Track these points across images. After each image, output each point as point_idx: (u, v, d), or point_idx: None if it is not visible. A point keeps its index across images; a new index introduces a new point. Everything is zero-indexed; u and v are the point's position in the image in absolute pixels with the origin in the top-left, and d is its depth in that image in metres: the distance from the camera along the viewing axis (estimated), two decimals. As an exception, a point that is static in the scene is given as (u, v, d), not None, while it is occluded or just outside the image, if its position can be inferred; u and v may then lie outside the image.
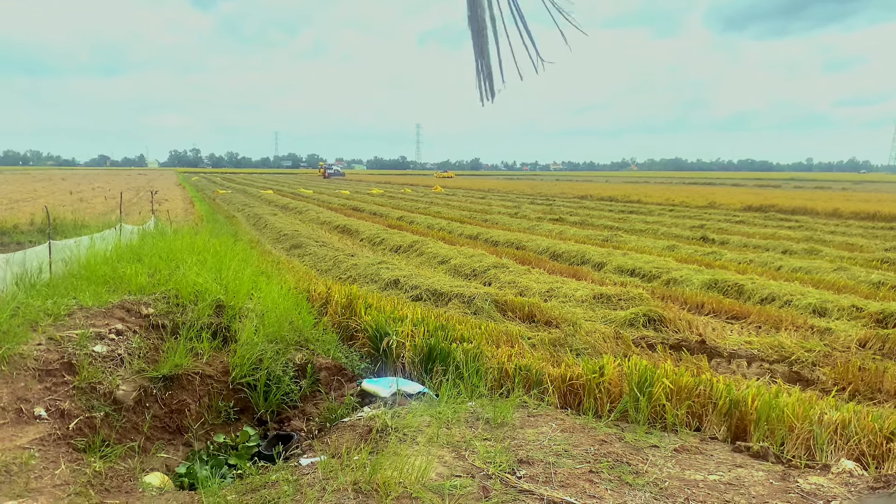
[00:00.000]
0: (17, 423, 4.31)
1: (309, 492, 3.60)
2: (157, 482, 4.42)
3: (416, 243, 18.74)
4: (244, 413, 5.99)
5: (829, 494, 3.68)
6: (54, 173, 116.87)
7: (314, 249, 18.73)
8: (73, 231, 16.48)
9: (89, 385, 4.98)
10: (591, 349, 8.37)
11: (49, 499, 3.59)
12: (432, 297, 11.76)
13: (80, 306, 6.13)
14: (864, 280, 13.13)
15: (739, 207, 34.47)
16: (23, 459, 3.88)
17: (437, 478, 3.78)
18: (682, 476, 3.94)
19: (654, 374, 5.29)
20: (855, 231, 23.54)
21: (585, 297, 11.22)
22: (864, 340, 8.77)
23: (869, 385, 7.15)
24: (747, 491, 3.73)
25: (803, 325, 9.57)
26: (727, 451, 4.49)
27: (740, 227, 25.42)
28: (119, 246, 10.44)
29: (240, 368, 5.99)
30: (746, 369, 8.03)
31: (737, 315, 10.45)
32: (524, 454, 4.17)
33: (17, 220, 22.90)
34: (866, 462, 4.28)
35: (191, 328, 6.24)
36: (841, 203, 34.50)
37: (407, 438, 4.40)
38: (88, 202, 36.64)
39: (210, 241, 11.67)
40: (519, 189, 60.93)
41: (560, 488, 3.68)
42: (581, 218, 28.83)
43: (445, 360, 6.36)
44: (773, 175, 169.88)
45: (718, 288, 12.40)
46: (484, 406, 5.10)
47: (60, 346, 5.20)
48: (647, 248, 18.51)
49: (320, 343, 6.93)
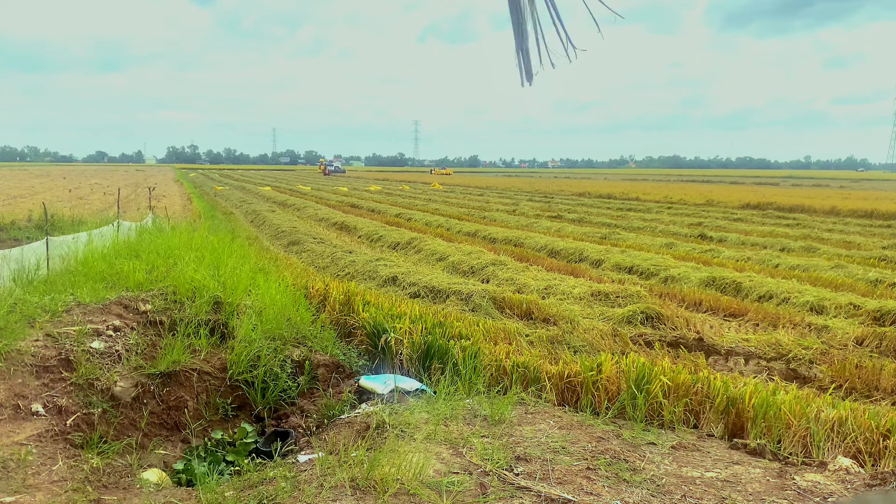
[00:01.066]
0: (14, 420, 4.31)
1: (307, 488, 3.60)
2: (154, 479, 4.42)
3: (414, 240, 18.74)
4: (242, 410, 5.99)
5: (826, 491, 3.68)
6: (52, 169, 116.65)
7: (312, 246, 18.72)
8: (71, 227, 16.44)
9: (87, 381, 4.98)
10: (588, 346, 8.38)
11: (46, 495, 3.58)
12: (430, 294, 11.76)
13: (77, 303, 6.12)
14: (861, 278, 13.14)
15: (737, 205, 34.49)
16: (20, 456, 3.87)
17: (434, 475, 3.78)
18: (680, 473, 3.95)
19: (652, 371, 5.30)
20: (853, 229, 23.58)
21: (583, 295, 11.23)
22: (861, 338, 8.78)
23: (866, 383, 7.17)
24: (744, 488, 3.74)
25: (801, 323, 9.59)
26: (724, 449, 4.50)
27: (738, 224, 25.45)
28: (117, 242, 10.43)
29: (237, 365, 5.98)
30: (744, 367, 8.04)
31: (734, 312, 10.46)
32: (522, 451, 4.17)
33: (15, 217, 22.85)
34: (863, 459, 4.29)
35: (188, 325, 6.23)
36: (839, 201, 34.53)
37: (405, 435, 4.40)
38: (86, 198, 36.57)
39: (208, 237, 11.66)
40: (517, 186, 60.93)
41: (557, 485, 3.69)
42: (579, 215, 28.85)
43: (443, 358, 6.36)
44: (771, 173, 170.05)
45: (716, 285, 12.41)
46: (481, 403, 5.10)
47: (58, 343, 5.20)
48: (645, 245, 18.53)
49: (318, 340, 6.92)
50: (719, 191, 50.25)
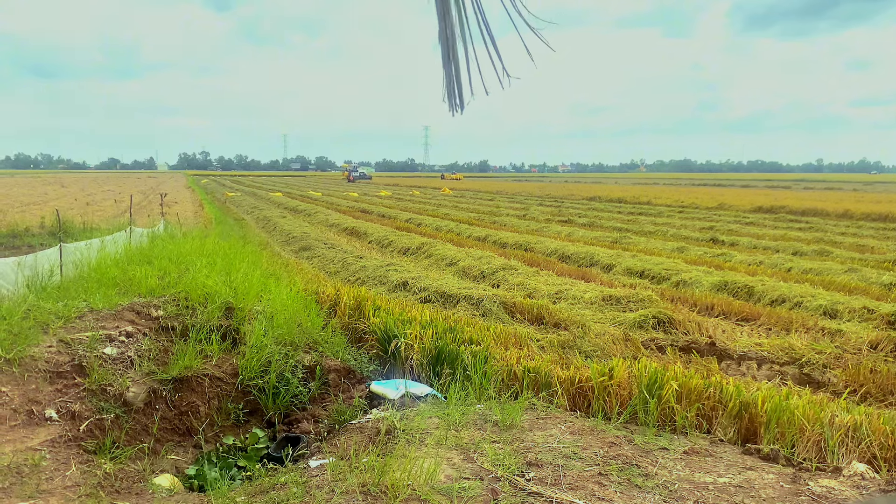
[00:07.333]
0: (28, 425, 4.34)
1: (318, 493, 3.60)
2: (166, 484, 4.44)
3: (424, 245, 18.76)
4: (253, 415, 6.00)
5: (841, 497, 3.65)
6: (65, 176, 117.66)
7: (323, 251, 18.78)
8: (84, 234, 16.58)
9: (99, 387, 5.01)
10: (600, 351, 8.34)
11: (60, 500, 3.61)
12: (441, 299, 11.76)
13: (90, 309, 6.16)
14: (875, 281, 13.02)
15: (749, 209, 34.29)
16: (34, 461, 3.90)
17: (445, 480, 3.77)
18: (692, 478, 3.92)
19: (664, 376, 5.27)
20: (866, 232, 23.37)
21: (594, 299, 11.19)
22: (875, 342, 8.69)
23: (881, 387, 7.10)
24: (757, 494, 3.71)
25: (814, 327, 9.51)
26: (737, 454, 4.47)
27: (750, 228, 25.29)
28: (129, 248, 10.51)
29: (249, 370, 6.00)
30: (756, 371, 7.98)
31: (747, 317, 10.39)
32: (533, 456, 4.16)
33: (29, 223, 23.07)
34: (878, 465, 4.24)
35: (200, 330, 6.26)
36: (852, 204, 34.24)
37: (415, 440, 4.40)
38: (98, 205, 36.87)
39: (219, 243, 11.73)
40: (527, 191, 60.87)
41: (569, 491, 3.67)
42: (590, 220, 28.76)
43: (454, 363, 6.35)
44: (782, 176, 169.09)
45: (728, 290, 12.33)
46: (492, 408, 5.09)
47: (71, 349, 5.23)
48: (657, 249, 18.44)
49: (329, 345, 6.93)
50: (731, 194, 49.99)
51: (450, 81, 2.10)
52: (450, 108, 2.13)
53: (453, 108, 2.13)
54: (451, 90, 2.11)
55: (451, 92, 2.11)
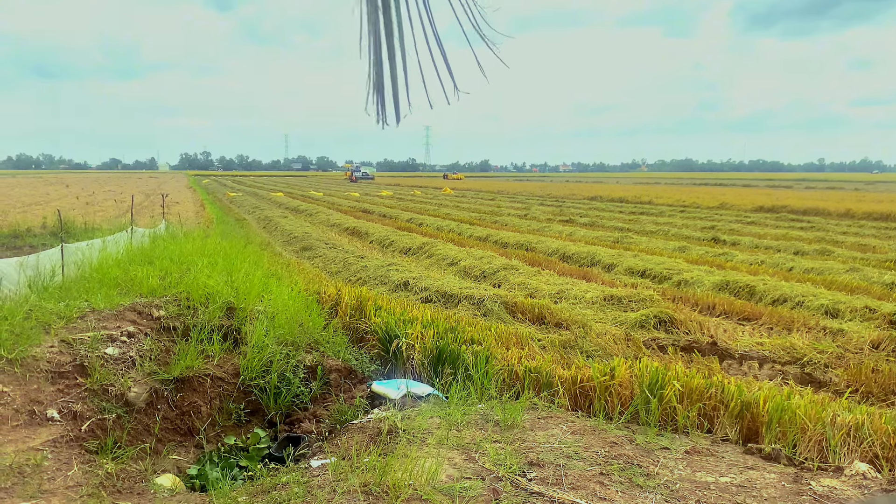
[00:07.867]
0: (30, 425, 4.35)
1: (319, 493, 3.60)
2: (168, 484, 4.44)
3: (425, 245, 18.75)
4: (254, 415, 6.01)
5: (843, 497, 3.64)
6: (66, 177, 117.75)
7: (324, 251, 18.78)
8: (85, 234, 16.60)
9: (101, 387, 5.01)
10: (601, 351, 8.34)
11: (62, 500, 3.61)
12: (442, 299, 11.76)
13: (91, 309, 6.17)
14: (877, 281, 13.00)
15: (751, 208, 34.26)
16: (36, 461, 3.91)
17: (446, 480, 3.78)
18: (694, 478, 3.92)
19: (665, 375, 5.27)
20: (868, 231, 23.34)
21: (596, 299, 11.18)
22: (877, 342, 8.68)
23: (882, 387, 7.09)
24: (759, 493, 3.71)
25: (815, 327, 9.50)
26: (739, 453, 4.46)
27: (752, 227, 25.27)
28: (130, 249, 10.51)
29: (250, 371, 6.01)
30: (758, 371, 7.97)
31: (748, 316, 10.38)
32: (534, 456, 4.16)
33: (30, 224, 23.08)
34: (880, 464, 4.23)
35: (201, 330, 6.26)
36: (853, 203, 34.20)
37: (416, 440, 4.40)
38: (100, 205, 36.89)
39: (221, 243, 11.74)
40: (528, 190, 60.85)
41: (571, 490, 3.67)
42: (591, 219, 28.75)
43: (455, 362, 6.36)
44: (784, 176, 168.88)
45: (730, 289, 12.32)
46: (494, 408, 5.09)
47: (73, 349, 5.24)
48: (658, 249, 18.43)
49: (330, 345, 6.94)
50: (732, 194, 49.94)
51: (379, 87, 1.71)
52: (377, 120, 1.74)
53: (381, 119, 1.74)
54: (381, 98, 1.72)
55: (379, 100, 1.73)
